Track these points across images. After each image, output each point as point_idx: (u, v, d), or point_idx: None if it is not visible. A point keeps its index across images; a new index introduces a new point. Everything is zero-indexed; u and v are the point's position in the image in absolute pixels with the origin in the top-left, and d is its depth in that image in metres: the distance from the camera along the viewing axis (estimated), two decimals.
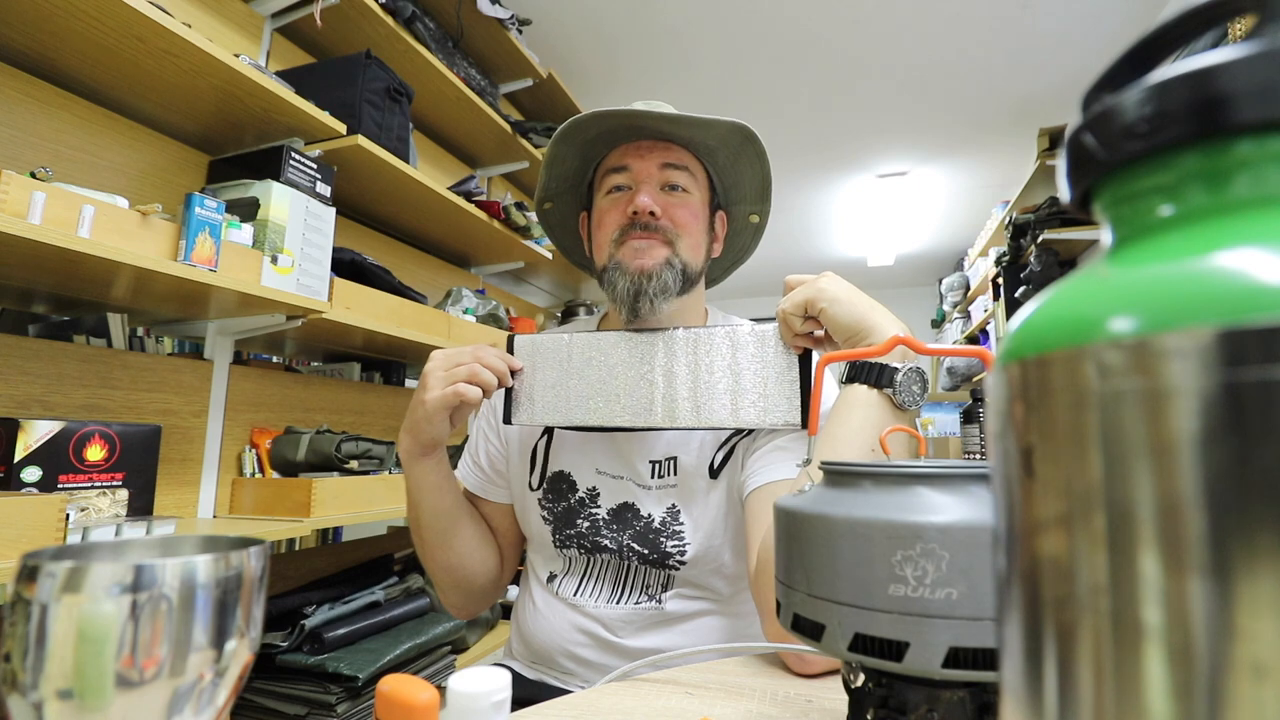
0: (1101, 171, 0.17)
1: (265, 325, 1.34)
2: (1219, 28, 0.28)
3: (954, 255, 5.27)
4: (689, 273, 0.76)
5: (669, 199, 0.76)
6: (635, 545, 0.75)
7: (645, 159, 0.76)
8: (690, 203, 0.77)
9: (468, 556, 0.79)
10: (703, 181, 0.79)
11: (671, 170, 0.76)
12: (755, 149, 0.76)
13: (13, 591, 0.26)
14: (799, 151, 3.50)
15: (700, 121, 0.72)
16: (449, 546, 0.78)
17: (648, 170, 0.75)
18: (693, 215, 0.77)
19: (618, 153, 0.77)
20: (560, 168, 0.81)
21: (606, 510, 0.77)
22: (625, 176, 0.76)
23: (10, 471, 0.99)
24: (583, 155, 0.80)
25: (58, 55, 1.12)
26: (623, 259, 0.75)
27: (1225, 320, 0.12)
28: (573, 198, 0.86)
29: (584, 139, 0.77)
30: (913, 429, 0.59)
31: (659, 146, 0.76)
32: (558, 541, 0.79)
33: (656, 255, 0.74)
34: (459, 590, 0.81)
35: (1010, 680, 0.16)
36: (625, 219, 0.75)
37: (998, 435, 0.17)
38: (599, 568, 0.78)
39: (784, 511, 0.34)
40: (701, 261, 0.79)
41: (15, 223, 0.85)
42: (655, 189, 0.76)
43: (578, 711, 0.51)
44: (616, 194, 0.77)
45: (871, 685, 0.32)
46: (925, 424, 3.46)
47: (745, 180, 0.80)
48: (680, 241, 0.75)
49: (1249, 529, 0.12)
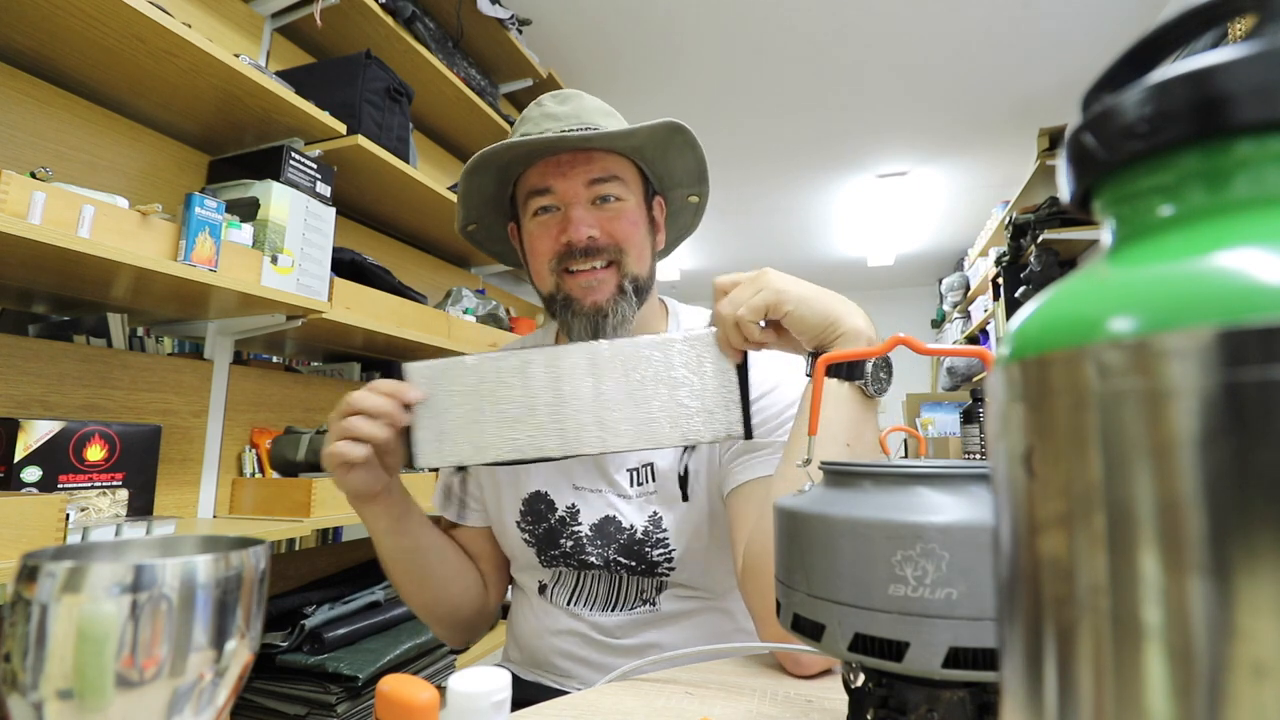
0: (1101, 171, 0.17)
1: (265, 325, 1.34)
2: (1219, 28, 0.28)
3: (954, 255, 5.27)
4: (640, 284, 0.74)
5: (603, 214, 0.72)
6: (621, 559, 0.73)
7: (569, 177, 0.71)
8: (626, 210, 0.73)
9: (444, 591, 0.76)
10: (634, 178, 0.75)
11: (599, 184, 0.72)
12: (684, 138, 0.73)
13: (13, 591, 0.26)
14: (799, 151, 3.50)
15: (622, 135, 0.69)
16: (423, 585, 0.75)
17: (574, 191, 0.71)
18: (632, 223, 0.73)
19: (537, 171, 0.73)
20: (478, 194, 0.78)
21: (589, 526, 0.75)
22: (551, 198, 0.72)
23: (10, 471, 0.99)
24: (498, 179, 0.76)
25: (58, 55, 1.12)
26: (572, 294, 0.72)
27: (1225, 320, 0.12)
28: (495, 215, 0.82)
29: (498, 165, 0.74)
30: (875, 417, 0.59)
31: (580, 159, 0.71)
32: (544, 561, 0.77)
33: (607, 288, 0.71)
34: (444, 625, 0.79)
35: (1010, 680, 0.16)
36: (560, 246, 0.71)
37: (998, 435, 0.17)
38: (590, 581, 0.76)
39: (784, 511, 0.34)
40: (649, 265, 0.77)
41: (15, 223, 0.85)
42: (586, 208, 0.72)
43: (578, 711, 0.51)
44: (544, 215, 0.73)
45: (871, 685, 0.32)
46: (925, 424, 3.46)
47: (678, 168, 0.77)
48: (626, 256, 0.72)
49: (1249, 529, 0.12)
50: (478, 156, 0.71)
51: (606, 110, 0.77)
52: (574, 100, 0.76)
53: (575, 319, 0.72)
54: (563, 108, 0.75)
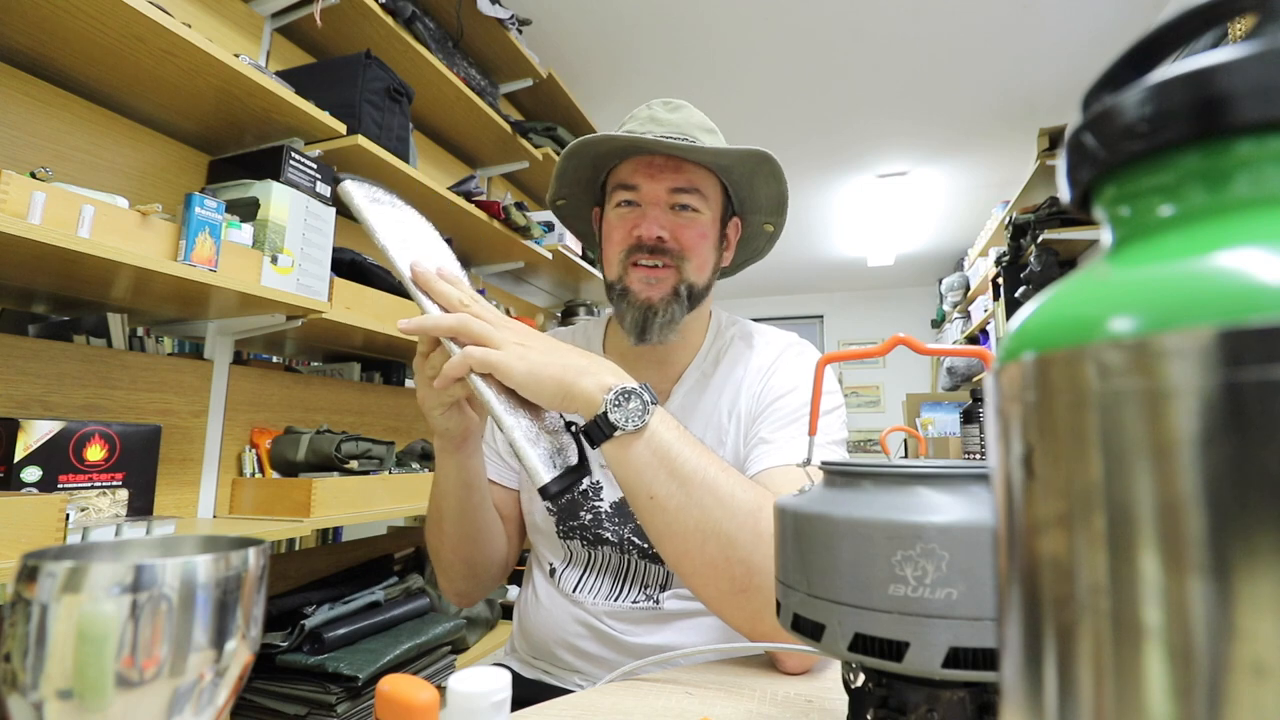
0: (1101, 171, 0.17)
1: (265, 325, 1.34)
2: (1219, 28, 0.28)
3: (954, 255, 5.28)
4: (695, 292, 0.78)
5: (677, 220, 0.76)
6: (635, 539, 0.76)
7: (655, 180, 0.75)
8: (699, 222, 0.77)
9: (487, 546, 0.79)
10: (715, 195, 0.79)
11: (680, 194, 0.76)
12: (771, 168, 0.76)
13: (13, 591, 0.26)
14: (799, 151, 3.50)
15: (712, 153, 0.72)
16: (471, 540, 0.77)
17: (656, 194, 0.76)
18: (700, 235, 0.77)
19: (629, 167, 0.78)
20: (572, 174, 0.82)
21: (609, 504, 0.78)
22: (634, 194, 0.77)
23: (10, 471, 0.99)
24: (594, 166, 0.81)
25: (58, 55, 1.12)
26: (631, 286, 0.76)
27: (1225, 320, 0.12)
28: (586, 196, 0.87)
29: (595, 154, 0.78)
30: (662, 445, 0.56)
31: (670, 166, 0.76)
32: (562, 532, 0.80)
33: (664, 287, 0.76)
34: (471, 580, 0.81)
35: (1010, 680, 0.16)
36: (632, 240, 0.76)
37: (998, 435, 0.17)
38: (600, 562, 0.79)
39: (784, 511, 0.34)
40: (708, 278, 0.80)
41: (15, 223, 0.85)
42: (663, 211, 0.76)
43: (578, 711, 0.51)
44: (625, 209, 0.78)
45: (871, 685, 0.32)
46: (925, 424, 3.46)
47: (761, 195, 0.81)
48: (688, 263, 0.76)
49: (1249, 529, 0.12)
50: (578, 141, 0.76)
51: (708, 127, 0.80)
52: (682, 111, 0.80)
53: (628, 309, 0.77)
54: (670, 115, 0.79)
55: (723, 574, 0.56)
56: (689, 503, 0.55)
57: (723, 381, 0.80)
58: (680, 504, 0.56)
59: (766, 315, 6.25)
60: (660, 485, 0.56)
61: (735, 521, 0.55)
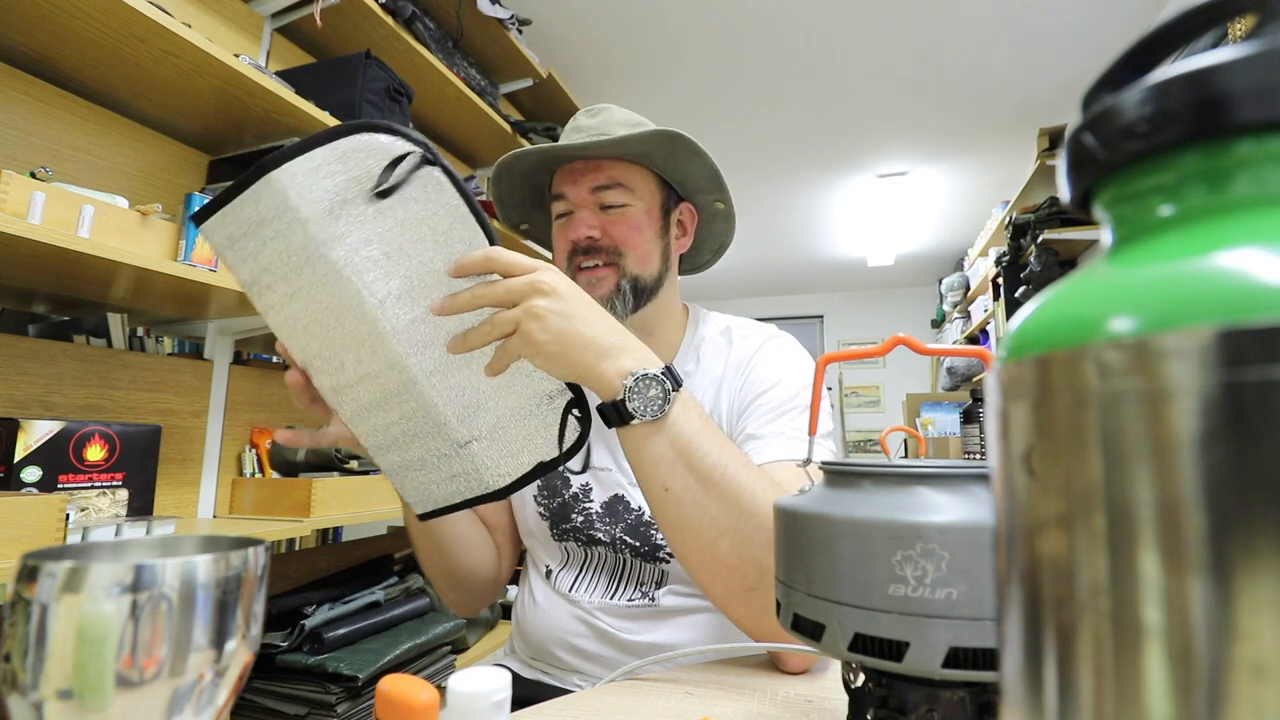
0: (1101, 171, 0.17)
1: (265, 325, 1.34)
2: (1219, 28, 0.28)
3: (954, 255, 5.27)
4: (641, 284, 0.78)
5: (607, 218, 0.77)
6: (627, 538, 0.76)
7: (577, 184, 0.77)
8: (630, 215, 0.77)
9: (465, 559, 0.79)
10: (646, 185, 0.79)
11: (603, 191, 0.77)
12: (687, 147, 0.75)
13: (13, 591, 0.26)
14: (799, 151, 3.50)
15: (613, 143, 0.73)
16: (449, 555, 0.77)
17: (581, 196, 0.77)
18: (633, 227, 0.77)
19: (556, 179, 0.80)
20: (509, 197, 0.85)
21: (599, 504, 0.78)
22: (565, 203, 0.79)
23: (10, 471, 0.99)
24: (530, 184, 0.84)
25: (58, 55, 1.12)
26: None
27: (1225, 320, 0.12)
28: (544, 218, 0.88)
29: (521, 172, 0.81)
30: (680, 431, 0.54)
31: (589, 167, 0.77)
32: (556, 535, 0.80)
33: (606, 285, 0.76)
34: (459, 591, 0.81)
35: (1010, 680, 0.16)
36: (569, 246, 0.78)
37: (998, 435, 0.17)
38: (595, 561, 0.79)
39: (784, 511, 0.34)
40: (655, 267, 0.79)
41: (15, 223, 0.85)
42: (592, 211, 0.77)
43: (578, 711, 0.51)
44: (562, 220, 0.80)
45: (871, 685, 0.32)
46: (925, 424, 3.46)
47: (692, 174, 0.80)
48: (625, 257, 0.77)
49: (1249, 529, 0.12)
50: (496, 164, 0.79)
51: (631, 122, 0.80)
52: (602, 114, 0.81)
53: None
54: (590, 120, 0.80)
55: (734, 572, 0.55)
56: (705, 498, 0.54)
57: (703, 380, 0.80)
58: (695, 499, 0.54)
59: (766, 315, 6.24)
60: (676, 479, 0.54)
61: (752, 521, 0.54)
